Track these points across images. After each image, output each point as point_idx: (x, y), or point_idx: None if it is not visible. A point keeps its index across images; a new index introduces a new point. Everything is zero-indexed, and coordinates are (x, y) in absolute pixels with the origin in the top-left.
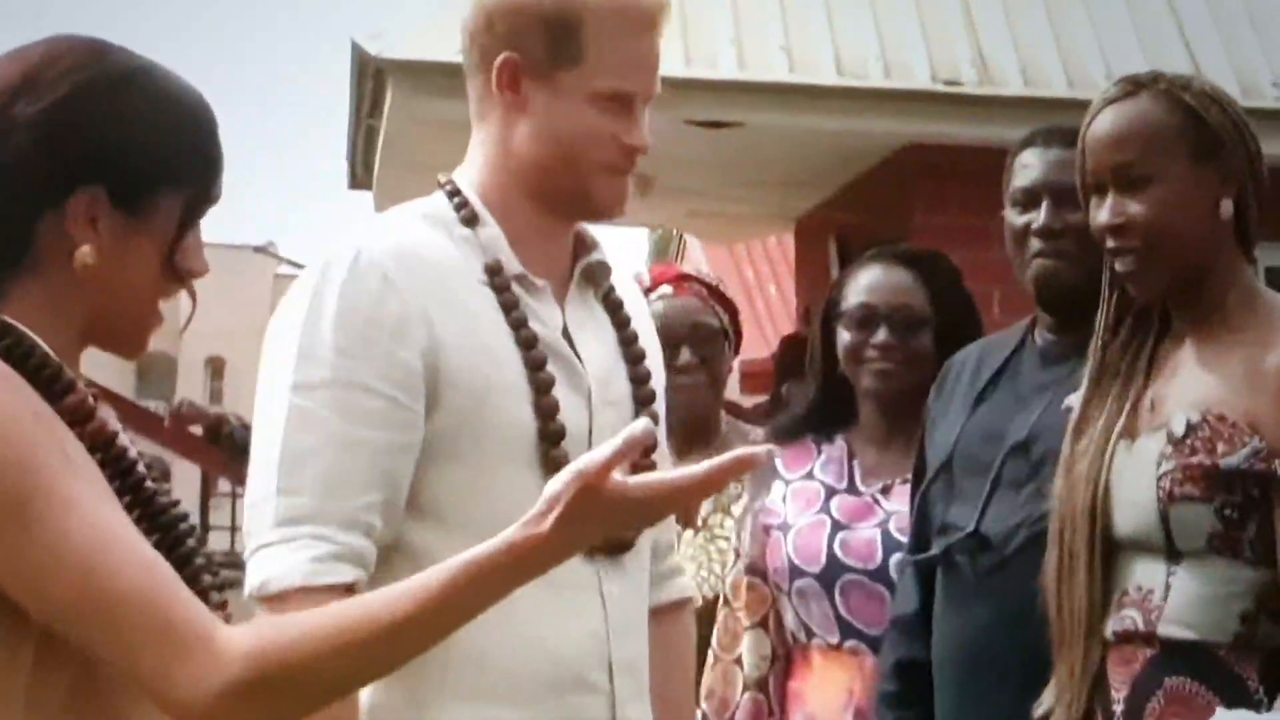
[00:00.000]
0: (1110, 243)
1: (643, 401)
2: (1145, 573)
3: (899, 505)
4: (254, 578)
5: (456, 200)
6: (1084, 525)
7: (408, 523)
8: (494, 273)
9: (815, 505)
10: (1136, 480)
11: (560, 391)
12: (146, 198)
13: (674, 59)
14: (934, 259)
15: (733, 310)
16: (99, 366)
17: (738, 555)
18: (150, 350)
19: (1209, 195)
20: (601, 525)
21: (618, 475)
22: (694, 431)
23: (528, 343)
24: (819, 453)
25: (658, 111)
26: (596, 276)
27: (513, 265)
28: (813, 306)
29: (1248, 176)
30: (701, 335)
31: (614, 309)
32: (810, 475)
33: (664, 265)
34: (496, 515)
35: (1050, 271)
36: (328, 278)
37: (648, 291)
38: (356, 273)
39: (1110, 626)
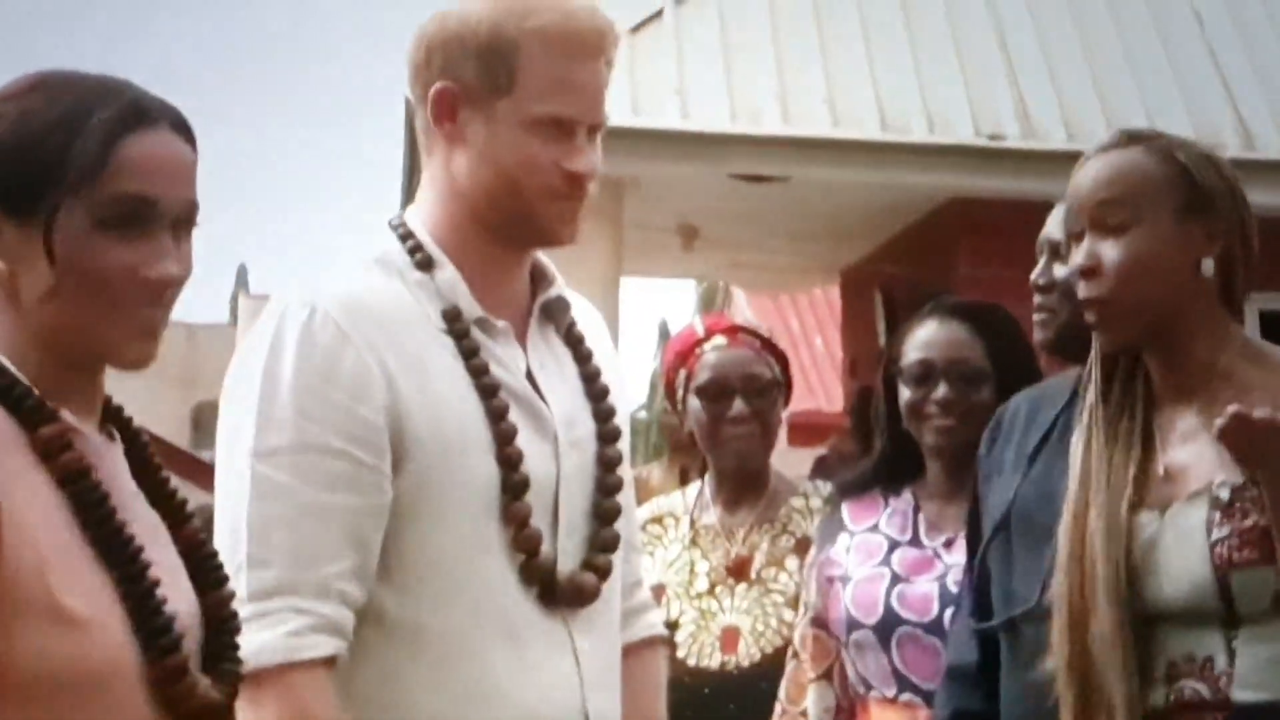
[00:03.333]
0: (1080, 288)
1: (606, 440)
2: (1197, 642)
3: (960, 558)
4: None
5: (410, 243)
6: (1110, 602)
7: (375, 587)
8: (452, 319)
9: (876, 558)
10: (1183, 552)
11: (525, 438)
12: (39, 203)
13: (718, 114)
14: (991, 311)
15: (784, 361)
16: (156, 418)
17: (805, 608)
18: (203, 400)
19: (1189, 252)
20: None
21: None
22: (745, 483)
23: (488, 391)
24: (886, 505)
25: (702, 165)
26: (556, 312)
27: (472, 309)
28: (859, 358)
29: (1237, 239)
30: (755, 387)
31: (575, 344)
32: (875, 528)
33: (716, 316)
34: (458, 572)
35: (1039, 325)
36: (282, 337)
37: (701, 342)
38: (310, 330)
39: (1155, 699)
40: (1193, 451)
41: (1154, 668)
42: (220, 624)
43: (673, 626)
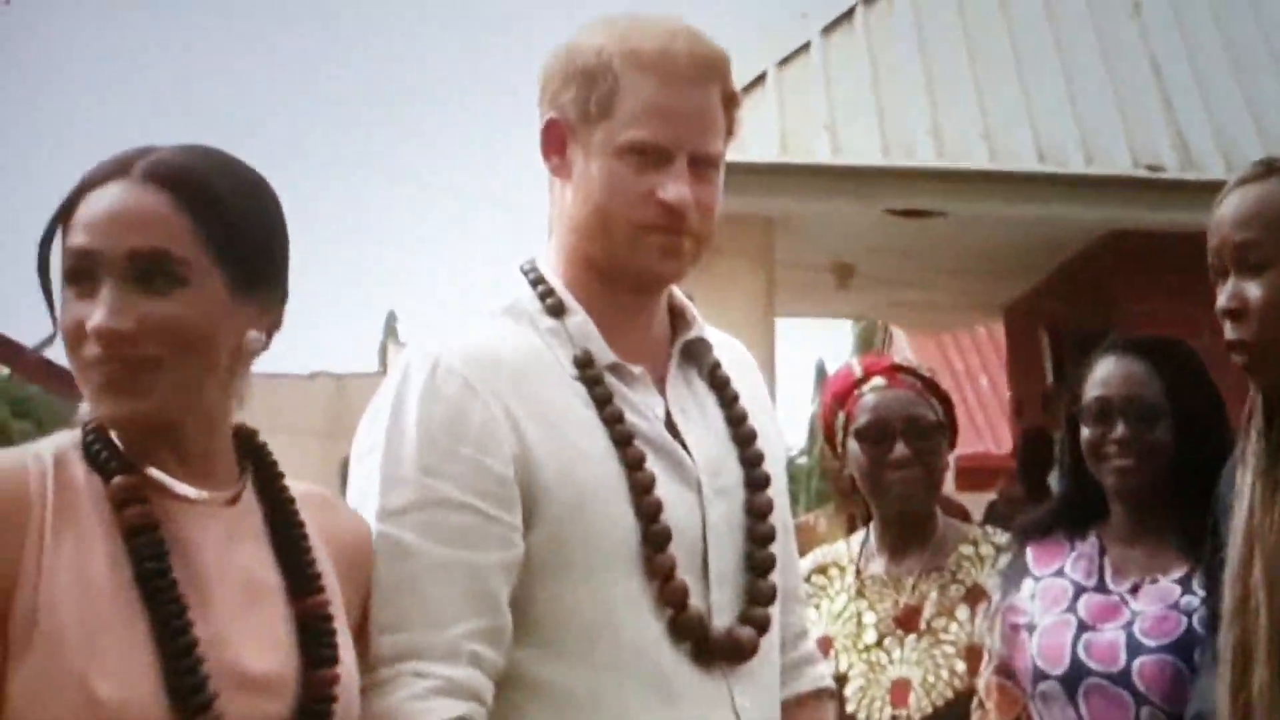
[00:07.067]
0: (1226, 329)
1: (755, 486)
2: None
3: (1146, 605)
4: None
5: (541, 289)
6: (1270, 656)
7: (516, 649)
8: (584, 365)
9: (1062, 604)
10: None
11: (665, 487)
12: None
13: (870, 148)
14: (1170, 347)
15: (948, 403)
16: (304, 471)
17: (990, 656)
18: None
19: None
20: None
21: None
22: (910, 530)
23: (623, 439)
24: (1071, 549)
25: (855, 201)
26: (697, 354)
27: (605, 355)
28: (1025, 398)
29: None
30: (917, 429)
31: (720, 387)
32: (1060, 573)
33: (874, 356)
34: (603, 630)
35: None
36: (405, 392)
37: (859, 383)
38: (434, 384)
39: None
40: None
41: None
42: (315, 703)
43: (841, 680)
